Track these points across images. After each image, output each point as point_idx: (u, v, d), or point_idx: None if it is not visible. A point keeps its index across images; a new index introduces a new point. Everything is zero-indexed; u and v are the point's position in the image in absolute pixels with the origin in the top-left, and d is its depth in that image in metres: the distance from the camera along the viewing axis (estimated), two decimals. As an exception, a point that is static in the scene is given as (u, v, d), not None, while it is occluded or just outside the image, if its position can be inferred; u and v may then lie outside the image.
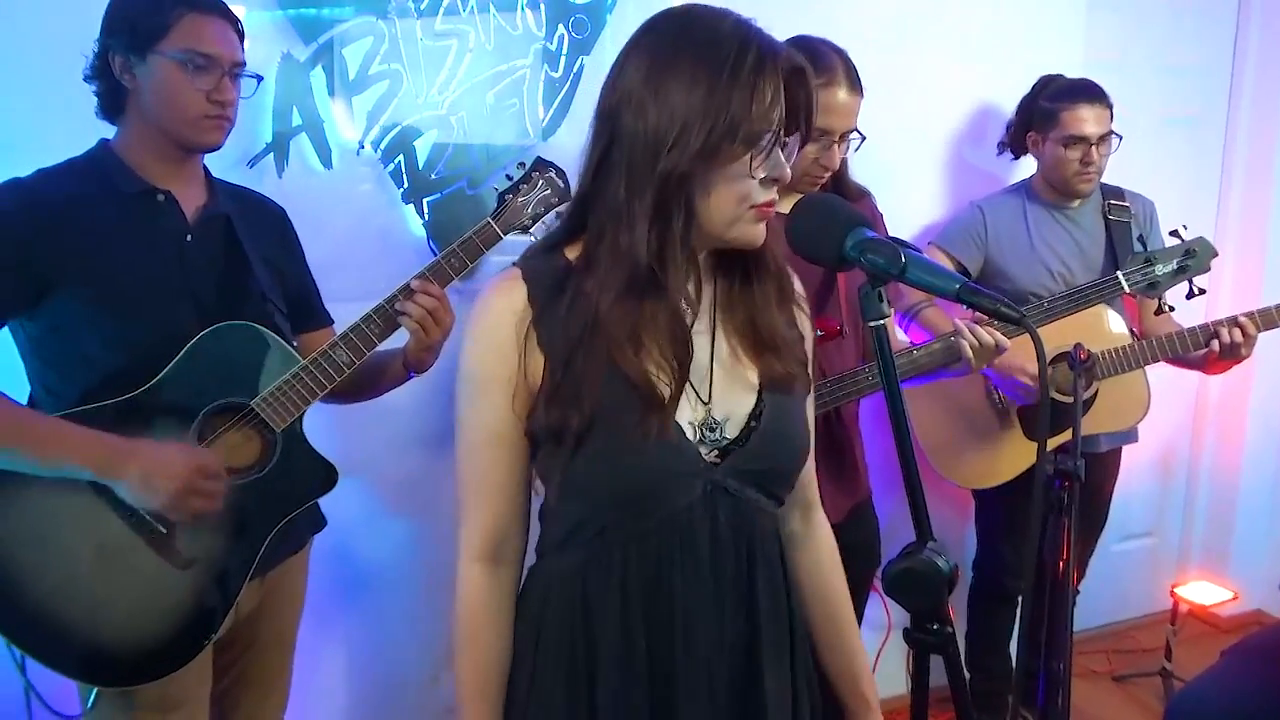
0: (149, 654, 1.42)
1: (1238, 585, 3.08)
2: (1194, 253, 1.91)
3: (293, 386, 1.48)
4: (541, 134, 2.09)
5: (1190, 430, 3.28)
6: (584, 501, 1.05)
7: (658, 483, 1.03)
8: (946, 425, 2.32)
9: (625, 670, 1.05)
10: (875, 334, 0.94)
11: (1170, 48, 2.89)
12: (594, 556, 1.05)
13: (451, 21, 1.98)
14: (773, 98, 0.96)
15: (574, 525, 1.06)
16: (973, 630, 2.60)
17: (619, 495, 1.03)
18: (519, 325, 1.03)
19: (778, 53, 0.97)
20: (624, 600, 1.04)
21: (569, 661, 1.06)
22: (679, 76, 0.96)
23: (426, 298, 1.54)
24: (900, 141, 2.38)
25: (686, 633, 1.05)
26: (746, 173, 0.97)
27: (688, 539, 1.04)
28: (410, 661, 2.22)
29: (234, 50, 1.46)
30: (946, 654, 0.95)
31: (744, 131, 0.95)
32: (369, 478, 2.07)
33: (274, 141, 1.89)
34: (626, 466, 1.02)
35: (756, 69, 0.95)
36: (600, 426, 1.00)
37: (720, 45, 0.96)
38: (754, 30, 0.98)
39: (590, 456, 1.01)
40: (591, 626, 1.06)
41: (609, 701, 1.05)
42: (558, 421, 1.00)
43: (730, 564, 1.07)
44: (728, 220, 1.00)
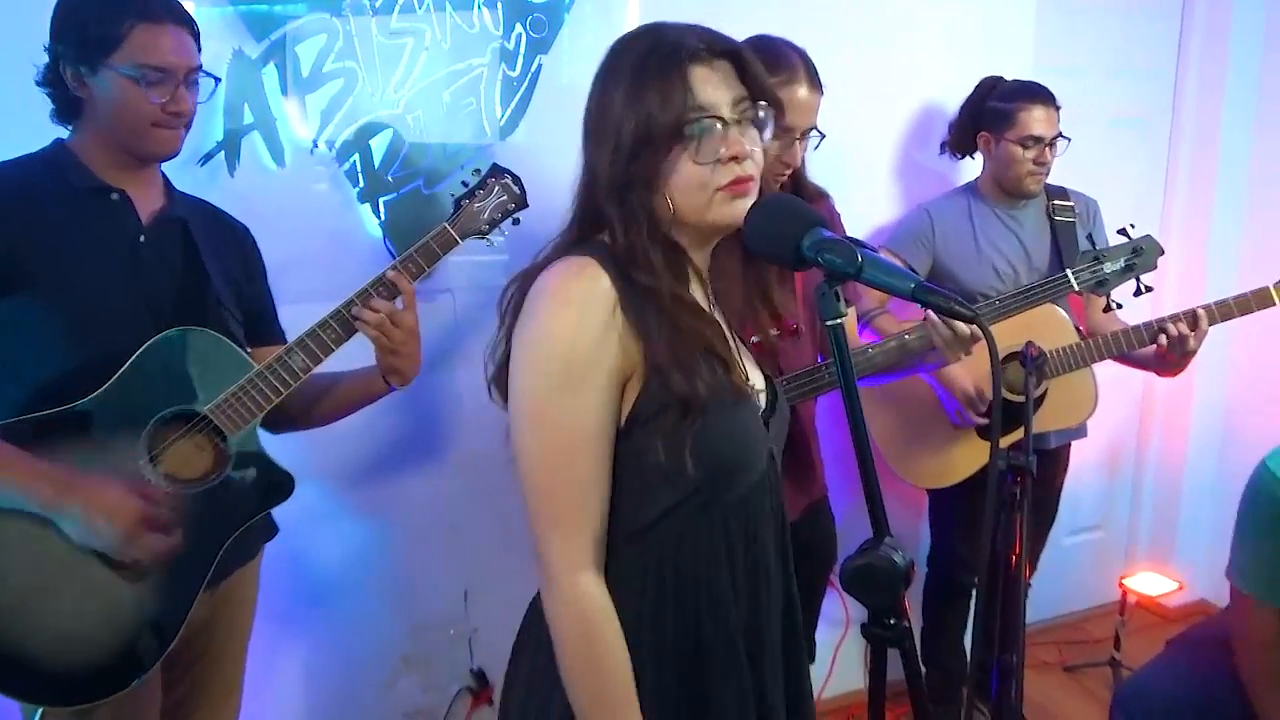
0: (99, 671, 1.39)
1: (1183, 576, 3.16)
2: (1141, 250, 1.95)
3: (247, 393, 1.46)
4: (499, 133, 2.08)
5: (1137, 425, 3.36)
6: (712, 465, 1.03)
7: (753, 444, 1.09)
8: (902, 426, 2.36)
9: (727, 628, 1.08)
10: (832, 333, 0.96)
11: (1117, 52, 2.95)
12: (699, 529, 1.06)
13: (407, 19, 1.97)
14: (685, 90, 1.00)
15: (674, 503, 1.04)
16: (928, 625, 2.64)
17: (731, 460, 1.06)
18: (612, 309, 1.00)
19: (682, 47, 1.02)
20: (731, 570, 1.08)
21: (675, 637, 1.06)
22: (614, 87, 1.04)
23: (381, 301, 1.53)
24: (850, 144, 2.40)
25: (770, 591, 1.13)
26: (692, 163, 1.02)
27: (762, 505, 1.12)
28: (366, 666, 2.20)
29: (190, 56, 1.42)
30: (903, 648, 0.97)
31: (664, 125, 1.00)
32: (322, 483, 2.04)
33: (225, 140, 1.86)
34: (737, 430, 1.06)
35: (661, 68, 1.01)
36: (714, 397, 1.03)
37: (634, 52, 1.04)
38: (664, 30, 1.05)
39: (710, 416, 1.01)
40: (696, 594, 1.07)
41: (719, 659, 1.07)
42: (688, 391, 0.99)
43: (777, 527, 1.16)
44: (699, 207, 1.04)
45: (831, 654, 2.43)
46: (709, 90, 1.02)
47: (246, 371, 1.47)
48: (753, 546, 1.11)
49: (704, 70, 1.02)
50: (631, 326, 1.01)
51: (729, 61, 1.05)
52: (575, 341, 0.99)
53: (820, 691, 2.49)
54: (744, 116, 1.04)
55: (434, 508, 2.17)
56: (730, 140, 1.02)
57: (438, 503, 2.17)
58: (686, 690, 1.07)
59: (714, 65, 1.03)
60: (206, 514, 1.45)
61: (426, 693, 2.26)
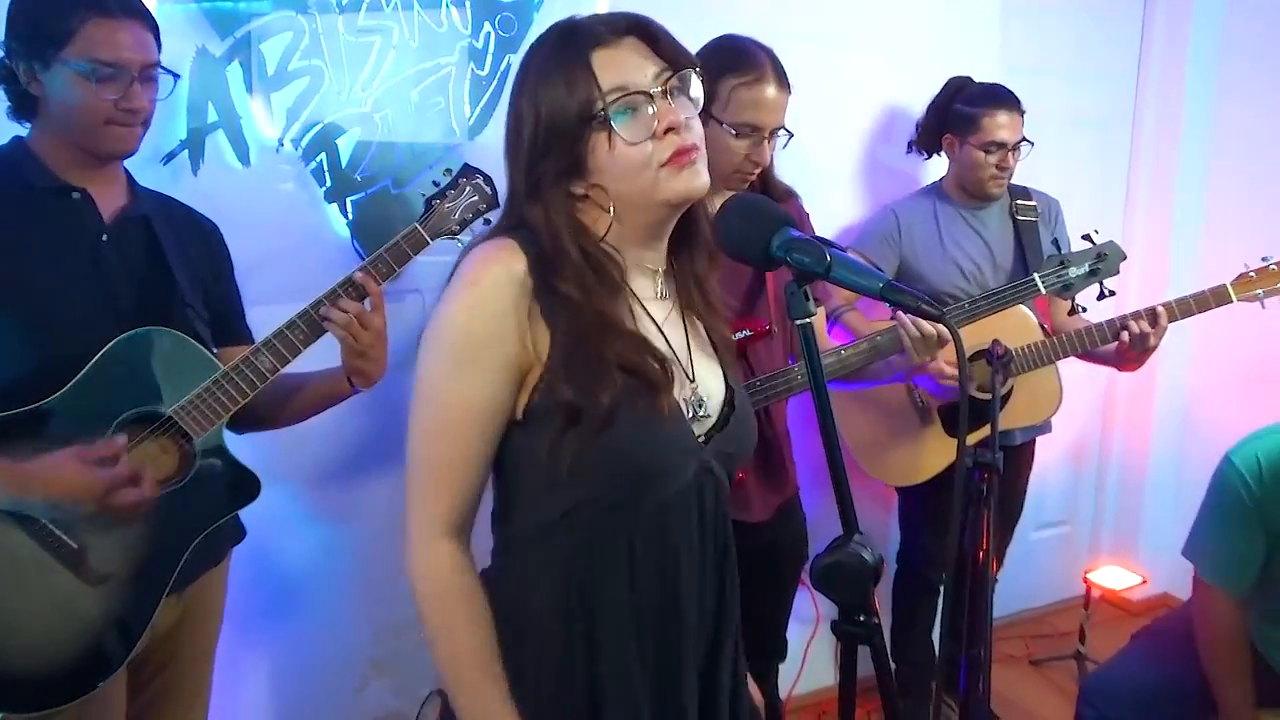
0: (61, 675, 1.36)
1: (1146, 570, 3.22)
2: (1105, 256, 2.00)
3: (213, 394, 1.44)
4: (468, 133, 2.07)
5: (1100, 422, 3.41)
6: (594, 480, 1.01)
7: (669, 459, 1.03)
8: (871, 425, 2.38)
9: (628, 646, 1.05)
10: (801, 332, 0.96)
11: (1081, 54, 3.00)
12: (597, 534, 1.03)
13: (375, 18, 1.95)
14: (586, 75, 0.99)
15: (575, 504, 1.02)
16: (897, 620, 2.66)
17: (635, 473, 1.02)
18: (521, 294, 0.99)
19: (580, 32, 1.01)
20: (631, 577, 1.04)
21: (564, 645, 1.04)
22: (518, 95, 1.05)
23: (350, 302, 1.51)
24: (818, 143, 2.42)
25: (682, 608, 1.07)
26: (624, 145, 0.99)
27: (686, 521, 1.06)
28: (336, 669, 2.18)
29: (145, 52, 1.39)
30: (873, 644, 0.97)
31: (567, 119, 0.99)
32: (288, 486, 2.02)
33: (189, 138, 1.83)
34: (643, 444, 1.01)
35: (558, 58, 1.01)
36: (625, 401, 0.99)
37: (537, 50, 1.04)
38: (564, 24, 1.04)
39: (609, 434, 0.98)
40: (591, 603, 1.04)
41: (613, 671, 1.04)
42: (581, 400, 0.97)
43: (711, 543, 1.10)
44: (646, 188, 1.01)
45: (802, 652, 2.44)
46: (620, 70, 0.99)
47: (212, 372, 1.45)
48: (669, 567, 1.05)
49: (608, 52, 1.00)
50: (542, 316, 1.00)
51: (635, 37, 1.02)
52: (469, 323, 0.99)
53: (791, 689, 2.50)
54: (669, 86, 1.01)
55: (401, 510, 2.15)
56: (661, 111, 0.99)
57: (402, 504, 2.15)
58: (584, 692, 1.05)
59: (619, 44, 1.01)
60: (171, 516, 1.43)
61: (397, 696, 2.24)
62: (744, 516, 1.73)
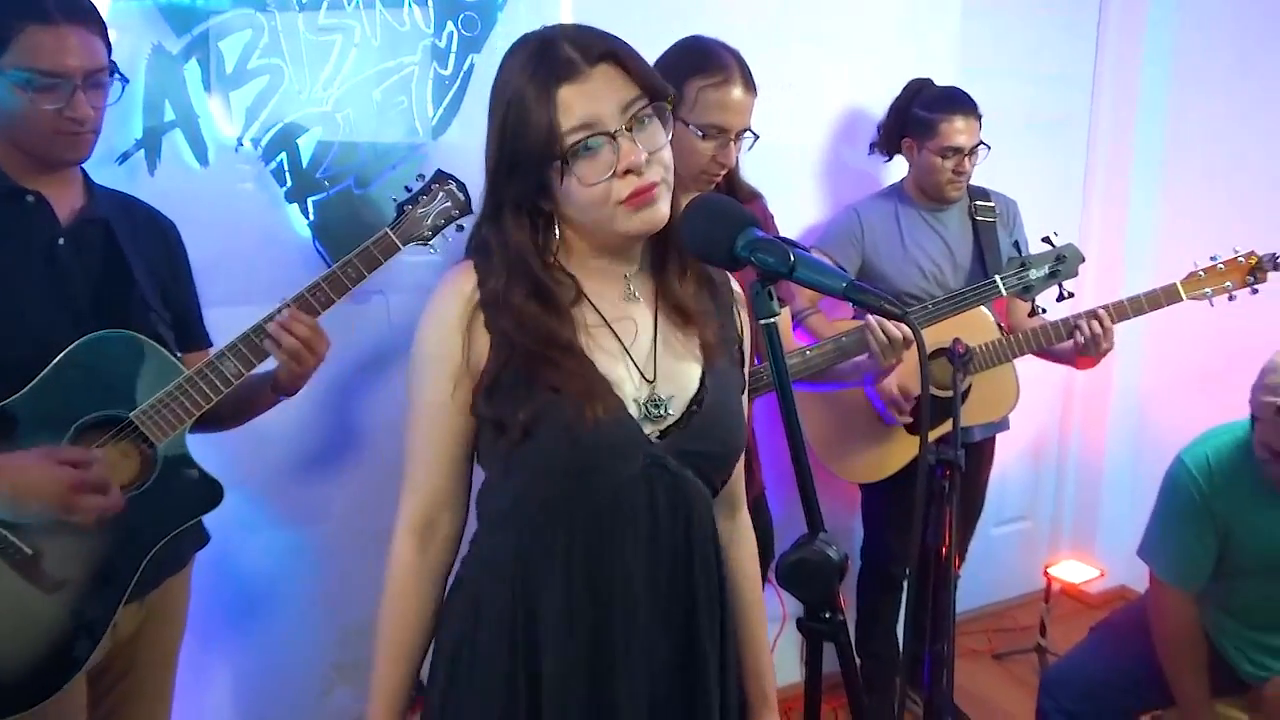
0: (15, 683, 1.34)
1: (1104, 563, 3.28)
2: (1064, 258, 2.04)
3: (176, 399, 1.41)
4: (431, 133, 2.06)
5: (1058, 419, 3.47)
6: (526, 478, 1.09)
7: (600, 459, 1.07)
8: (834, 423, 2.40)
9: (567, 639, 1.08)
10: (766, 331, 0.97)
11: (1037, 56, 3.05)
12: (536, 529, 1.09)
13: (336, 16, 1.93)
14: (552, 116, 1.00)
15: (514, 500, 1.11)
16: (862, 617, 2.68)
17: (562, 472, 1.07)
18: (466, 307, 1.08)
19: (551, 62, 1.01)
20: (567, 571, 1.08)
21: (509, 633, 1.10)
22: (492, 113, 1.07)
23: (300, 326, 1.46)
24: (781, 144, 2.43)
25: (626, 604, 1.09)
26: (586, 182, 1.01)
27: (628, 512, 1.08)
28: (301, 675, 2.15)
29: (89, 58, 1.33)
30: (838, 641, 0.98)
31: (527, 156, 1.02)
32: (251, 491, 1.99)
33: (145, 138, 1.80)
34: (569, 447, 1.05)
35: (528, 90, 1.01)
36: (544, 415, 1.04)
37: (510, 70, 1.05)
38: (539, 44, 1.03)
39: (529, 444, 1.06)
40: (532, 597, 1.09)
41: (553, 669, 1.08)
42: (501, 416, 1.06)
43: (668, 540, 1.11)
44: (604, 220, 1.04)
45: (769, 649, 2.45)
46: (583, 106, 1.00)
47: (176, 376, 1.42)
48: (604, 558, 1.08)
49: (574, 87, 1.00)
50: (485, 327, 1.08)
51: (607, 64, 1.02)
52: (427, 336, 1.11)
53: (758, 686, 2.51)
54: (637, 119, 1.02)
55: (366, 513, 2.13)
56: (622, 153, 1.00)
57: (369, 507, 2.12)
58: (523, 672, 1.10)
59: (589, 76, 1.00)
60: (132, 522, 1.40)
61: (360, 702, 2.21)
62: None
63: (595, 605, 1.09)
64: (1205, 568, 1.91)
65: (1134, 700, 2.03)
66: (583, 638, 1.08)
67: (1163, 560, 1.96)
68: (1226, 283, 2.09)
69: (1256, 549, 1.86)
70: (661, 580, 1.11)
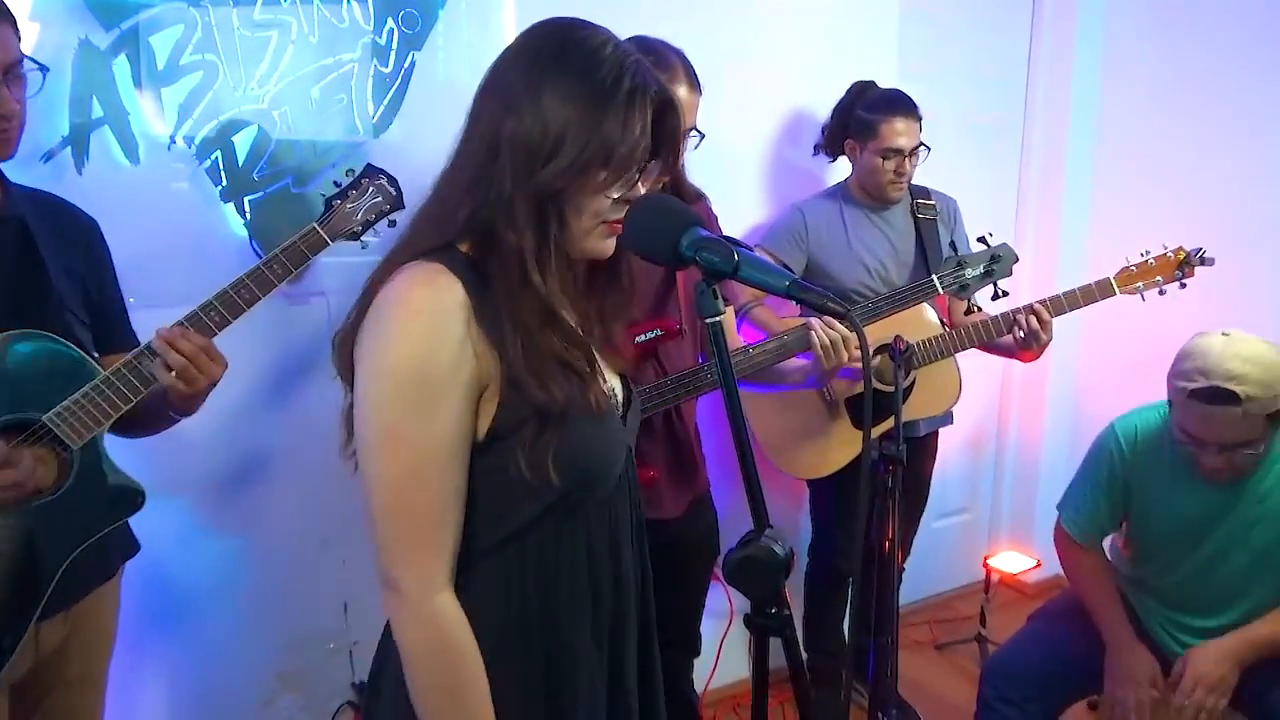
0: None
1: (1041, 554, 3.36)
2: (999, 258, 2.09)
3: (92, 400, 1.36)
4: (372, 130, 2.02)
5: (997, 413, 3.55)
6: (574, 473, 1.01)
7: (612, 450, 1.08)
8: (780, 420, 2.42)
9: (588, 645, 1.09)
10: (711, 330, 0.97)
11: (974, 59, 3.12)
12: (562, 535, 1.06)
13: (271, 11, 1.89)
14: (642, 129, 0.99)
15: (539, 512, 1.02)
16: (809, 612, 2.72)
17: (592, 467, 1.05)
18: (467, 322, 0.96)
19: (649, 85, 1.00)
20: (591, 573, 1.09)
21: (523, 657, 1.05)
22: (558, 89, 0.96)
23: (186, 344, 1.38)
24: (727, 144, 2.46)
25: (627, 597, 1.13)
26: (605, 193, 1.00)
27: (623, 505, 1.14)
28: (241, 686, 2.10)
29: (4, 51, 1.29)
30: (784, 636, 0.99)
31: (615, 157, 0.98)
32: (184, 497, 1.94)
33: (71, 134, 1.74)
34: (594, 437, 1.04)
35: (629, 99, 0.97)
36: (572, 406, 1.01)
37: (599, 68, 0.97)
38: (632, 59, 1.00)
39: (567, 431, 1.00)
40: (551, 609, 1.06)
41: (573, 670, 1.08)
42: (547, 401, 0.97)
43: (636, 530, 1.17)
44: (583, 233, 1.02)
45: (717, 646, 2.47)
46: (644, 130, 1.00)
47: (92, 377, 1.38)
48: (615, 549, 1.12)
49: (647, 111, 0.99)
50: (485, 338, 0.97)
51: (661, 109, 1.02)
52: (430, 356, 0.94)
53: (707, 683, 2.52)
54: (648, 163, 1.03)
55: (307, 518, 2.10)
56: (639, 185, 1.02)
57: (311, 513, 2.09)
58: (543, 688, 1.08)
59: (648, 107, 1.00)
60: (46, 529, 1.35)
61: (306, 710, 2.18)
62: (656, 514, 1.74)
63: (611, 606, 1.12)
64: (1102, 525, 2.05)
65: (1072, 685, 2.08)
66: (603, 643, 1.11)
67: (1069, 510, 2.11)
68: (1157, 277, 2.16)
69: (1162, 524, 1.95)
70: (635, 574, 1.17)
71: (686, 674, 2.14)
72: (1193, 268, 2.15)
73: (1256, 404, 1.70)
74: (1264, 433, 1.76)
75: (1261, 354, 1.73)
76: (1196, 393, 1.74)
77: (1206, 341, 1.78)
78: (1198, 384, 1.74)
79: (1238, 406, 1.70)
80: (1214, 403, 1.72)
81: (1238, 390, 1.70)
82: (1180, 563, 1.95)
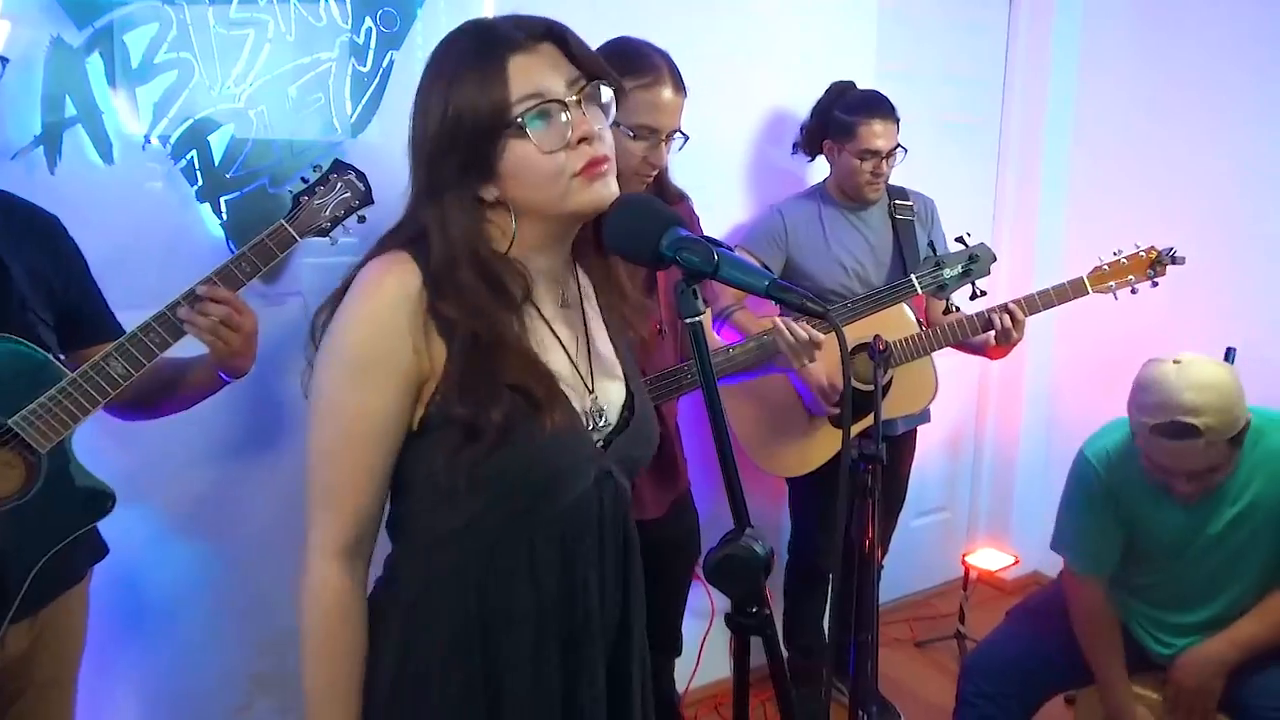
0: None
1: (1018, 550, 3.39)
2: (977, 258, 2.11)
3: (59, 402, 1.34)
4: (350, 130, 2.01)
5: (974, 412, 3.58)
6: (492, 494, 1.02)
7: (566, 470, 1.05)
8: (760, 419, 2.43)
9: (531, 653, 1.07)
10: (690, 330, 0.97)
11: (951, 59, 3.14)
12: (498, 543, 1.05)
13: (248, 10, 1.87)
14: (505, 80, 0.97)
15: (471, 518, 1.03)
16: (789, 610, 2.72)
17: (530, 486, 1.03)
18: (415, 309, 0.98)
19: (498, 34, 0.99)
20: (535, 584, 1.06)
21: (463, 660, 1.05)
22: (428, 90, 1.01)
23: (215, 305, 1.43)
24: (707, 145, 2.46)
25: (586, 611, 1.09)
26: (538, 154, 0.98)
27: (585, 523, 1.09)
28: (214, 691, 2.08)
29: None
30: (765, 635, 0.99)
31: (479, 120, 0.97)
32: (152, 499, 1.92)
33: (44, 133, 1.72)
34: (537, 458, 1.02)
35: (478, 58, 0.98)
36: (514, 419, 0.99)
37: (452, 50, 1.01)
38: (481, 23, 1.02)
39: (503, 451, 0.99)
40: (492, 612, 1.05)
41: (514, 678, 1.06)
42: (475, 417, 0.97)
43: (613, 547, 1.12)
44: (556, 199, 1.00)
45: (698, 646, 2.48)
46: (536, 76, 0.98)
47: (58, 379, 1.36)
48: (569, 567, 1.08)
49: (525, 58, 0.98)
50: (437, 333, 0.99)
51: (551, 43, 1.00)
52: (368, 338, 0.98)
53: (688, 683, 2.53)
54: (583, 95, 1.00)
55: (282, 517, 2.07)
56: (575, 121, 0.98)
57: (286, 512, 2.07)
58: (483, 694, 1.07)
59: (536, 50, 0.99)
60: (14, 534, 1.33)
61: (283, 714, 2.16)
62: (637, 514, 1.72)
63: (562, 617, 1.08)
64: (1113, 555, 1.99)
65: (1049, 680, 2.10)
66: (552, 655, 1.08)
67: (1073, 551, 2.03)
68: (1129, 276, 2.18)
69: (1154, 535, 1.94)
70: (609, 590, 1.13)
71: (668, 673, 2.15)
72: (1164, 266, 2.18)
73: (1216, 432, 1.71)
74: (1229, 455, 1.77)
75: (1215, 379, 1.73)
76: (1158, 429, 1.74)
77: (1160, 371, 1.77)
78: (1158, 420, 1.74)
79: (1199, 439, 1.71)
80: (1176, 438, 1.73)
81: (1197, 423, 1.70)
82: (1162, 567, 1.97)
